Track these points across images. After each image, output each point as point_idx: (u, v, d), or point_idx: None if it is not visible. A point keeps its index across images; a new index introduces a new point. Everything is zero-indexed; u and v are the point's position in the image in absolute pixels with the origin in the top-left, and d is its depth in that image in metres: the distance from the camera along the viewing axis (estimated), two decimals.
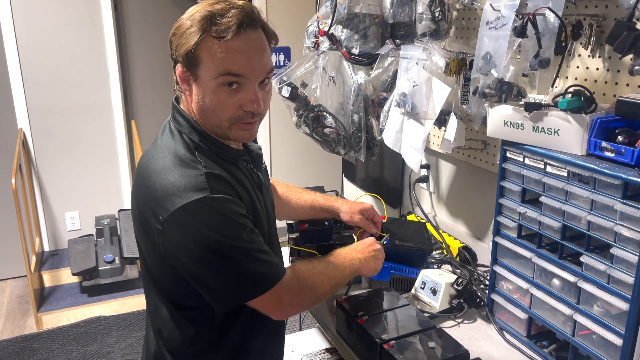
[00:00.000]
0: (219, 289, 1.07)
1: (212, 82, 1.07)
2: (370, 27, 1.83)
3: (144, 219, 1.09)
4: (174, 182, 1.04)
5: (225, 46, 1.06)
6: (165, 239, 1.05)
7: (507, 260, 1.37)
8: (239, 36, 1.05)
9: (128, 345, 2.99)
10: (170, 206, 1.02)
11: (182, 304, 1.17)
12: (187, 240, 1.03)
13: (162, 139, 1.16)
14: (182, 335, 1.17)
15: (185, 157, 1.09)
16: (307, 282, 1.17)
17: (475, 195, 1.86)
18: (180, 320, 1.17)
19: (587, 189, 1.11)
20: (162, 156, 1.10)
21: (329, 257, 1.30)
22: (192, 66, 1.08)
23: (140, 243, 1.17)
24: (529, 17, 1.21)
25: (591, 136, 1.12)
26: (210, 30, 1.06)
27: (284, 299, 1.11)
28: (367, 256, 1.36)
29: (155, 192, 1.05)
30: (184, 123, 1.14)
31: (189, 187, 1.03)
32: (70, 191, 3.84)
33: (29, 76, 3.56)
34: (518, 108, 1.24)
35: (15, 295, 3.62)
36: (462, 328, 1.42)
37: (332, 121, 2.03)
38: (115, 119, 3.86)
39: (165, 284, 1.16)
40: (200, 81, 1.09)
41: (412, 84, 1.67)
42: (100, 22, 3.67)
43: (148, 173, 1.09)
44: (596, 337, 1.14)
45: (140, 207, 1.10)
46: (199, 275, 1.07)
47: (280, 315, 1.15)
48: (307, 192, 1.64)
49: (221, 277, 1.06)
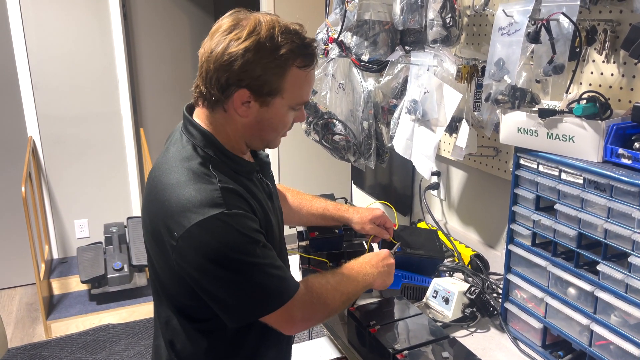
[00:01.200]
0: (232, 305, 1.06)
1: (285, 108, 1.11)
2: (380, 34, 1.82)
3: (157, 233, 1.08)
4: (189, 197, 1.03)
5: (305, 77, 1.09)
6: (180, 255, 1.04)
7: (521, 269, 1.35)
8: (314, 66, 1.10)
9: (137, 354, 2.98)
10: (186, 222, 1.01)
11: (194, 316, 1.16)
12: (201, 256, 1.02)
13: (173, 150, 1.14)
14: (194, 347, 1.16)
15: (199, 171, 1.07)
16: (320, 298, 1.16)
17: (486, 203, 1.85)
18: (192, 332, 1.16)
19: (603, 196, 1.09)
20: (176, 170, 1.08)
21: (343, 271, 1.28)
22: (267, 94, 1.07)
23: (152, 255, 1.16)
24: (543, 22, 1.19)
25: (607, 143, 1.10)
26: (296, 61, 1.06)
27: (296, 314, 1.10)
28: (381, 270, 1.34)
29: (170, 208, 1.04)
30: (198, 136, 1.12)
31: (205, 203, 1.02)
32: (79, 199, 3.85)
33: (38, 84, 3.58)
34: (532, 114, 1.23)
35: (24, 303, 3.63)
36: (475, 337, 1.40)
37: (342, 128, 2.02)
38: (124, 127, 3.87)
39: (177, 296, 1.15)
40: (272, 107, 1.09)
41: (422, 91, 1.66)
42: (109, 30, 3.70)
43: (162, 187, 1.08)
44: (614, 348, 1.11)
45: (154, 222, 1.09)
46: (211, 291, 1.06)
47: (291, 331, 1.15)
48: (318, 199, 1.63)
49: (234, 293, 1.05)
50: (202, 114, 1.14)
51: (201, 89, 1.09)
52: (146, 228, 1.14)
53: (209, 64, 1.05)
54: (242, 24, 1.05)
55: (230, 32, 1.04)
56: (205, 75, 1.06)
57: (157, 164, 1.15)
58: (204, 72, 1.07)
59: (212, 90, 1.07)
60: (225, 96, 1.07)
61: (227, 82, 1.05)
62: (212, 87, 1.06)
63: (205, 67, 1.06)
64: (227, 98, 1.07)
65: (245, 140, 1.15)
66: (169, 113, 4.22)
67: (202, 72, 1.07)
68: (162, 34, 4.13)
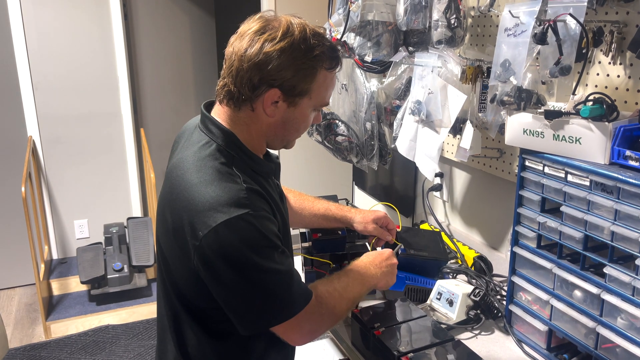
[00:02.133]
0: (245, 313, 1.06)
1: (310, 109, 1.13)
2: (383, 35, 1.82)
3: (179, 232, 1.06)
4: (215, 196, 1.02)
5: (331, 79, 1.12)
6: (201, 255, 1.02)
7: (526, 271, 1.34)
8: (339, 69, 1.14)
9: (136, 355, 2.97)
10: (212, 222, 1.00)
11: (207, 319, 1.15)
12: (222, 256, 1.01)
13: (193, 149, 1.12)
14: (205, 350, 1.15)
15: (224, 170, 1.06)
16: (329, 308, 1.15)
17: (490, 204, 1.84)
18: (203, 335, 1.15)
19: (610, 198, 1.08)
20: (199, 168, 1.07)
21: (348, 274, 1.27)
22: (297, 95, 1.08)
23: (168, 256, 1.14)
24: (550, 23, 1.19)
25: (614, 144, 1.10)
26: (325, 63, 1.08)
27: (304, 325, 1.10)
28: (384, 270, 1.34)
29: (195, 206, 1.02)
30: (219, 134, 1.11)
31: (231, 203, 1.01)
32: (79, 199, 3.84)
33: (39, 84, 3.57)
34: (538, 116, 1.22)
35: (23, 304, 3.61)
36: (479, 340, 1.40)
37: (345, 129, 2.01)
38: (125, 127, 3.86)
39: (191, 298, 1.14)
40: (299, 107, 1.11)
41: (426, 92, 1.65)
42: (110, 30, 3.69)
43: (185, 186, 1.06)
44: (620, 351, 1.11)
45: (176, 221, 1.07)
46: (227, 296, 1.05)
47: (297, 342, 1.14)
48: (320, 201, 1.62)
49: (248, 301, 1.04)
50: (224, 112, 1.13)
51: (230, 88, 1.08)
52: (165, 227, 1.12)
53: (241, 63, 1.05)
54: (273, 25, 1.06)
55: (263, 32, 1.05)
56: (236, 74, 1.06)
57: (178, 163, 1.13)
58: (235, 71, 1.06)
59: (242, 89, 1.07)
60: (255, 95, 1.07)
61: (260, 81, 1.05)
62: (242, 86, 1.06)
63: (236, 66, 1.06)
64: (257, 97, 1.07)
65: (267, 139, 1.16)
66: (169, 113, 4.21)
67: (231, 70, 1.07)
68: (163, 34, 4.12)
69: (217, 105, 1.16)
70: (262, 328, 1.09)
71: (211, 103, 1.19)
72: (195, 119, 1.24)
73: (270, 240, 1.04)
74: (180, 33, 4.21)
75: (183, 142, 1.19)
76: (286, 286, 1.06)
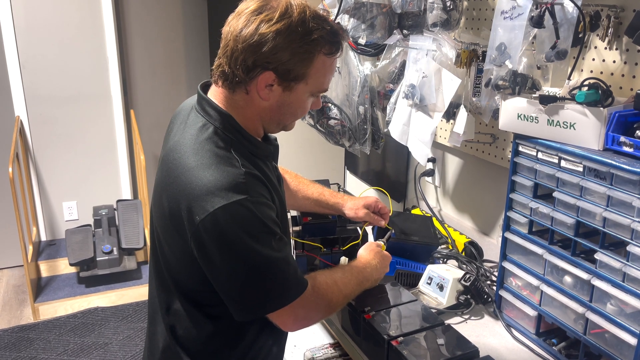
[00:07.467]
0: (240, 298, 1.05)
1: (307, 95, 1.10)
2: (378, 17, 1.79)
3: (176, 216, 1.04)
4: (213, 180, 1.00)
5: (330, 65, 1.09)
6: (198, 239, 1.01)
7: (516, 257, 1.34)
8: (340, 55, 1.10)
9: (126, 337, 2.96)
10: (209, 206, 0.98)
11: (202, 302, 1.14)
12: (219, 241, 1.00)
13: (189, 131, 1.10)
14: (199, 332, 1.15)
15: (222, 154, 1.04)
16: (325, 299, 1.14)
17: (482, 190, 1.84)
18: (198, 317, 1.14)
19: (603, 184, 1.08)
20: (197, 152, 1.05)
21: (352, 273, 1.27)
22: (292, 79, 1.05)
23: (163, 239, 1.13)
24: (547, 6, 1.17)
25: (609, 130, 1.09)
26: (324, 48, 1.05)
27: (299, 313, 1.09)
28: (381, 271, 1.36)
29: (193, 190, 1.01)
30: (216, 117, 1.09)
31: (230, 187, 0.99)
32: (68, 181, 3.80)
33: (26, 64, 3.51)
34: (532, 101, 1.21)
35: (11, 285, 3.59)
36: (469, 324, 1.40)
37: (337, 113, 1.99)
38: (114, 108, 3.81)
39: (186, 281, 1.13)
40: (294, 92, 1.08)
41: (421, 75, 1.63)
42: (99, 10, 3.62)
43: (183, 169, 1.04)
44: (609, 336, 1.11)
45: (173, 204, 1.05)
46: (223, 281, 1.05)
47: (291, 328, 1.14)
48: (315, 185, 1.61)
49: (243, 286, 1.03)
50: (220, 94, 1.10)
51: (224, 68, 1.05)
52: (162, 211, 1.10)
53: (236, 44, 1.02)
54: (271, 5, 1.02)
55: (260, 12, 1.01)
56: (231, 54, 1.03)
57: (174, 146, 1.10)
58: (229, 52, 1.03)
59: (236, 71, 1.04)
60: (249, 77, 1.04)
61: (254, 63, 1.02)
62: (237, 67, 1.03)
63: (231, 47, 1.03)
64: (251, 80, 1.05)
65: (263, 123, 1.14)
66: (160, 95, 4.16)
67: (226, 51, 1.04)
68: (154, 14, 4.05)
69: (213, 86, 1.13)
70: (257, 314, 1.08)
71: (208, 84, 1.16)
72: (190, 100, 1.22)
73: (267, 227, 1.02)
74: (172, 12, 4.13)
75: (179, 124, 1.16)
76: (282, 273, 1.05)
